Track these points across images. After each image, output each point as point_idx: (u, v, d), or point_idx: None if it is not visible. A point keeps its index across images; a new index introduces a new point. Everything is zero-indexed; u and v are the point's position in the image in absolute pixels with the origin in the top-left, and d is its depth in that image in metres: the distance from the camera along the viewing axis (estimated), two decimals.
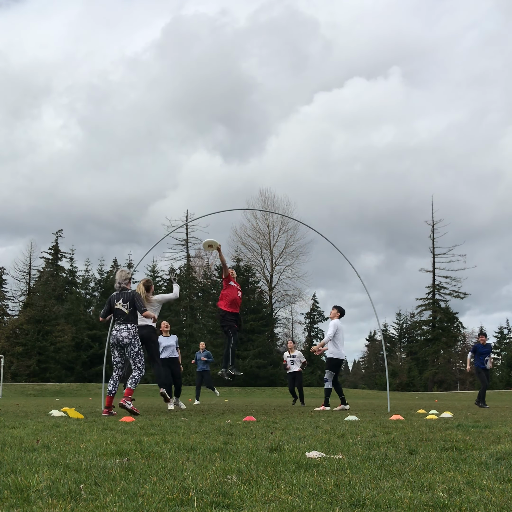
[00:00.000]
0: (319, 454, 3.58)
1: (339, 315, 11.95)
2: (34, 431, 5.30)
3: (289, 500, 2.35)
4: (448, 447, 4.09)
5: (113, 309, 8.52)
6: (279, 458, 3.45)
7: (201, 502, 2.30)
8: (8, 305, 55.94)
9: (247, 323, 51.05)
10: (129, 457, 3.51)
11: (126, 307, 8.42)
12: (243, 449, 3.89)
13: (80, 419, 7.16)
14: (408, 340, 68.29)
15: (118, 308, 8.43)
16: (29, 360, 47.22)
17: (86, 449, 3.90)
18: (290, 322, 62.63)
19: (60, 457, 3.48)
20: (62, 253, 57.62)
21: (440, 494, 2.44)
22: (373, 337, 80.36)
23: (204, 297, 57.20)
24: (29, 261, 56.01)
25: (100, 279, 57.14)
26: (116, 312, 8.47)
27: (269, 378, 50.62)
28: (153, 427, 5.87)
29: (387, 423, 6.75)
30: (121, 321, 8.42)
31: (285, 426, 6.03)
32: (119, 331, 8.38)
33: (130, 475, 2.85)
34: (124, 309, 8.42)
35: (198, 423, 6.60)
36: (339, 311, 11.99)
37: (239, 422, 6.67)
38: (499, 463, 3.32)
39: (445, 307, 58.16)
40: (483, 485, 2.65)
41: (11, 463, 3.19)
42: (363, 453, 3.73)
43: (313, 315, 59.68)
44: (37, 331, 47.90)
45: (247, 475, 2.87)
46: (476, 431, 5.48)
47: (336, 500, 2.36)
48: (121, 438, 4.64)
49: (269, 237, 58.20)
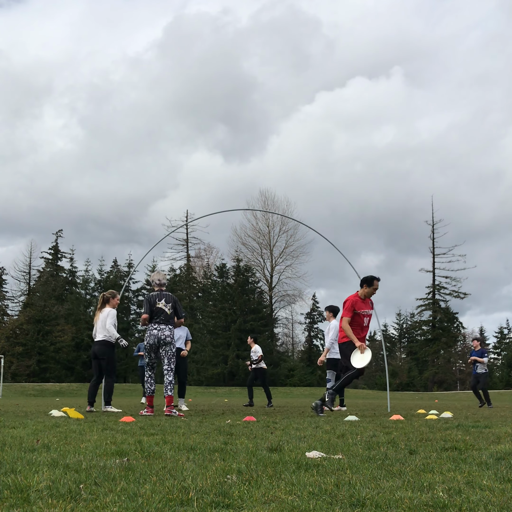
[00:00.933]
0: (319, 454, 3.58)
1: (332, 314, 11.90)
2: (34, 431, 5.30)
3: (289, 500, 2.35)
4: (448, 447, 4.09)
5: (154, 309, 8.39)
6: (279, 458, 3.45)
7: (201, 502, 2.30)
8: (8, 305, 56.00)
9: (247, 323, 51.07)
10: (129, 457, 3.51)
11: (168, 307, 8.41)
12: (243, 449, 3.89)
13: (80, 419, 7.16)
14: (408, 340, 68.30)
15: (160, 307, 8.36)
16: (29, 360, 47.24)
17: (86, 449, 3.90)
18: (290, 322, 62.71)
19: (60, 457, 3.48)
20: (62, 253, 57.64)
21: (440, 494, 2.44)
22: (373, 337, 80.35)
23: (204, 297, 57.18)
24: (29, 261, 56.11)
25: (100, 279, 57.13)
26: (157, 311, 8.37)
27: (269, 378, 50.61)
28: (153, 427, 5.87)
29: (387, 423, 6.75)
30: (161, 321, 8.36)
31: (285, 426, 6.03)
32: (160, 331, 8.32)
33: (130, 475, 2.85)
34: (166, 309, 8.39)
35: (198, 423, 6.60)
36: (331, 311, 11.90)
37: (239, 422, 6.67)
38: (499, 463, 3.32)
39: (445, 307, 58.17)
40: (483, 485, 2.65)
41: (11, 463, 3.19)
42: (363, 453, 3.73)
43: (313, 315, 59.71)
44: (37, 331, 47.91)
45: (247, 475, 2.87)
46: (476, 431, 5.48)
47: (336, 500, 2.36)
48: (121, 438, 4.64)
49: (269, 237, 58.25)
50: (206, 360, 50.73)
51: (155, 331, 8.31)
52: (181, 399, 10.82)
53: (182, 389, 10.88)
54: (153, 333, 8.31)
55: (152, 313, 8.37)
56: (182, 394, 10.92)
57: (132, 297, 57.38)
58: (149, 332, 8.40)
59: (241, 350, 50.05)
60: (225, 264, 56.49)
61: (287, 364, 54.50)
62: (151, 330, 8.36)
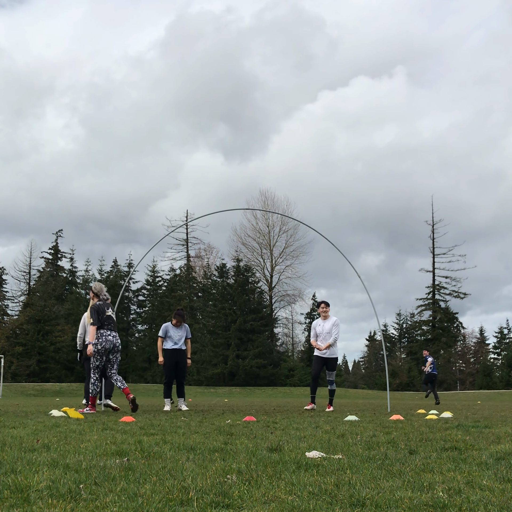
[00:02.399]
0: (319, 454, 3.58)
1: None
2: (34, 431, 5.30)
3: (289, 500, 2.35)
4: (448, 447, 4.09)
5: (104, 317, 9.02)
6: (279, 458, 3.45)
7: (201, 502, 2.30)
8: (8, 305, 56.02)
9: (247, 323, 51.04)
10: (129, 457, 3.51)
11: (114, 315, 9.20)
12: (243, 449, 3.89)
13: (80, 419, 7.16)
14: (408, 340, 68.28)
15: (110, 315, 9.08)
16: (29, 360, 47.24)
17: (86, 449, 3.90)
18: (290, 322, 62.73)
19: (60, 457, 3.48)
20: (62, 253, 57.65)
21: (440, 494, 2.44)
22: (373, 337, 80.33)
23: (204, 297, 57.17)
24: (29, 261, 56.12)
25: (100, 279, 57.11)
26: (108, 319, 9.06)
27: (269, 378, 50.61)
28: (153, 427, 5.87)
29: (387, 423, 6.75)
30: (112, 328, 9.07)
31: (285, 426, 6.03)
32: (115, 337, 9.04)
33: (130, 475, 2.85)
34: (114, 317, 9.17)
35: (198, 423, 6.60)
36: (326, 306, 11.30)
37: (239, 422, 6.67)
38: (499, 463, 3.32)
39: (445, 307, 58.19)
40: (483, 485, 2.65)
41: (11, 463, 3.19)
42: (363, 453, 3.73)
43: (313, 315, 59.66)
44: (37, 331, 47.91)
45: (247, 475, 2.87)
46: (476, 431, 5.48)
47: (336, 500, 2.36)
48: (121, 438, 4.64)
49: (269, 237, 58.26)
50: (206, 360, 50.72)
51: (110, 337, 8.99)
52: (180, 399, 10.79)
53: (181, 389, 10.86)
54: (109, 339, 8.98)
55: (102, 321, 9.01)
56: (181, 394, 10.89)
57: (132, 297, 57.40)
58: (104, 337, 8.98)
59: (241, 350, 50.05)
60: (225, 264, 56.54)
61: (287, 364, 54.50)
62: (106, 336, 8.98)
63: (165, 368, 10.58)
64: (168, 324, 10.71)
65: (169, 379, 10.60)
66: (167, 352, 10.50)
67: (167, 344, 10.55)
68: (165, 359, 10.48)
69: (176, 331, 10.60)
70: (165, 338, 10.59)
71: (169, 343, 10.54)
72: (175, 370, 10.57)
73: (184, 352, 10.72)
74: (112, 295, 60.77)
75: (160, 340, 10.58)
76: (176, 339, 10.54)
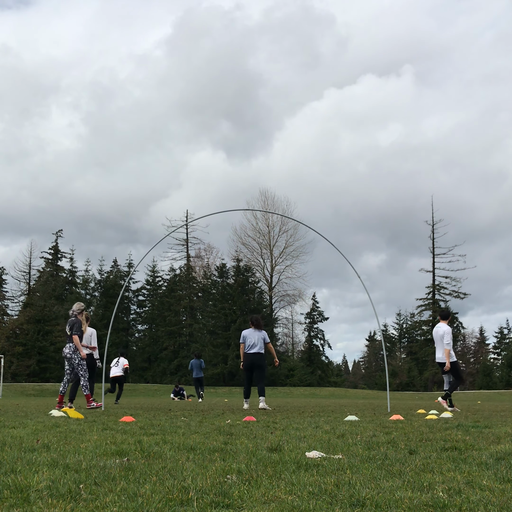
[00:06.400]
0: (319, 454, 3.58)
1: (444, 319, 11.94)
2: (34, 431, 5.30)
3: (289, 500, 2.35)
4: (448, 447, 4.09)
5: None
6: (279, 458, 3.45)
7: (201, 502, 2.30)
8: (8, 305, 55.94)
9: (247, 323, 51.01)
10: (129, 457, 3.51)
11: (67, 330, 11.03)
12: (243, 449, 3.89)
13: (80, 419, 7.16)
14: (408, 340, 68.29)
15: (66, 331, 11.11)
16: (29, 360, 47.21)
17: (86, 449, 3.90)
18: (290, 322, 62.70)
19: (60, 457, 3.48)
20: (62, 253, 57.56)
21: (440, 494, 2.44)
22: (373, 337, 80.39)
23: (204, 297, 57.15)
24: (29, 261, 56.03)
25: (100, 279, 57.07)
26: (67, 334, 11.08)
27: (269, 378, 50.58)
28: (153, 427, 5.87)
29: (387, 423, 6.75)
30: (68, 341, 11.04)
31: (285, 426, 6.03)
32: (66, 347, 10.94)
33: (130, 475, 2.85)
34: (67, 332, 11.02)
35: (198, 423, 6.59)
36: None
37: (239, 422, 6.67)
38: (499, 463, 3.32)
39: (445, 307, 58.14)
40: (483, 485, 2.65)
41: (11, 463, 3.19)
42: (363, 453, 3.73)
43: (313, 315, 59.67)
44: (37, 331, 47.89)
45: (247, 475, 2.87)
46: (476, 431, 5.48)
47: (336, 500, 2.36)
48: (121, 438, 4.64)
49: (269, 237, 58.24)
50: (206, 360, 50.71)
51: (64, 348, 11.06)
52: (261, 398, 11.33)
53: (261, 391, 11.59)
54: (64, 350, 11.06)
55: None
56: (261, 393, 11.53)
57: (132, 297, 57.36)
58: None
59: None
60: (225, 264, 56.51)
61: (287, 364, 54.47)
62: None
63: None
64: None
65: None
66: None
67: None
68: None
69: (252, 335, 11.95)
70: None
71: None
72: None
73: (262, 356, 11.84)
74: (112, 295, 60.71)
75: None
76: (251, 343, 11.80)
